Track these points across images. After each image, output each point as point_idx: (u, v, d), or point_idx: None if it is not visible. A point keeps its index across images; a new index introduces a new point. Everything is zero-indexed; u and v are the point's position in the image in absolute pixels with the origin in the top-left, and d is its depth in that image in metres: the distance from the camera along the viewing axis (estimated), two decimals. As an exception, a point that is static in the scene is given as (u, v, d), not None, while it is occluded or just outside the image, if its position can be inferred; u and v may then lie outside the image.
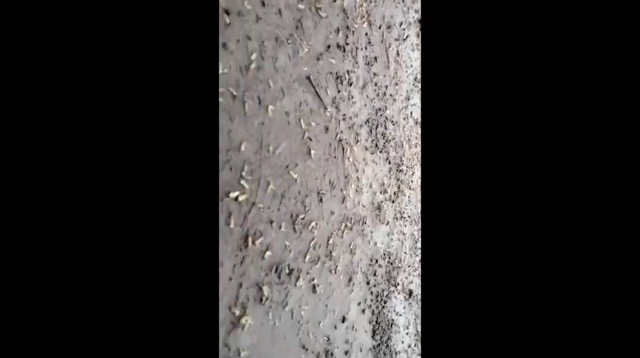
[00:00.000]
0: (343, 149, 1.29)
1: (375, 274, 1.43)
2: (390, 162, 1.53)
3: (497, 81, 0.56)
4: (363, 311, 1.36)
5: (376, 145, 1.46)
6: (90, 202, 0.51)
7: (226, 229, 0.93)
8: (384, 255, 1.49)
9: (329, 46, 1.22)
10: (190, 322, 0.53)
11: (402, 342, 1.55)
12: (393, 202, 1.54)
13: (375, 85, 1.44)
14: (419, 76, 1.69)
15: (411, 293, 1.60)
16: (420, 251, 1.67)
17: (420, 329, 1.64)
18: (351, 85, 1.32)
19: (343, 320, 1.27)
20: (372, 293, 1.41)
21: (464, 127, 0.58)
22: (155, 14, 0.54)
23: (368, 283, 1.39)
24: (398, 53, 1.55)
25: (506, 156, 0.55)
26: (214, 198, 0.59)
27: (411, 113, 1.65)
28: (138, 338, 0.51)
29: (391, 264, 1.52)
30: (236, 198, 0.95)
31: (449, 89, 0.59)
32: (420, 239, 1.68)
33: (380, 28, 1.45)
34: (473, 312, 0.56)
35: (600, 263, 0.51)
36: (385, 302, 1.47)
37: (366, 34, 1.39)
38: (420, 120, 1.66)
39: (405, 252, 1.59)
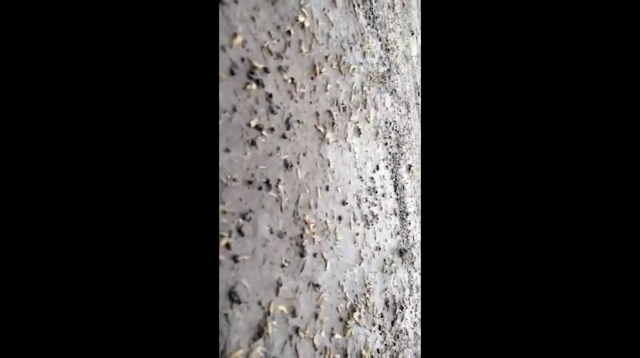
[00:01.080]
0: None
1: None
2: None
3: (496, 83, 0.56)
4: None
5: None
6: (87, 197, 0.49)
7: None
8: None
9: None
10: (190, 315, 0.52)
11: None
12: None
13: None
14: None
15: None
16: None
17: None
18: None
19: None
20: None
21: (465, 124, 0.57)
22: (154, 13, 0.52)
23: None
24: None
25: (507, 154, 0.55)
26: (215, 197, 0.62)
27: None
28: (138, 335, 0.50)
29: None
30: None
31: (449, 92, 0.58)
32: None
33: None
34: (474, 311, 0.55)
35: (596, 264, 0.50)
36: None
37: None
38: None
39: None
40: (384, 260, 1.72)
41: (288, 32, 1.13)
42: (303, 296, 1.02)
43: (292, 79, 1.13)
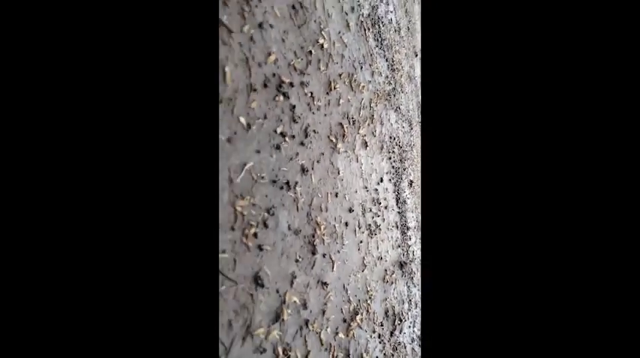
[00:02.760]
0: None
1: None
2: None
3: (496, 83, 0.55)
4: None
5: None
6: (89, 196, 0.49)
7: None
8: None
9: None
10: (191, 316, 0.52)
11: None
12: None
13: None
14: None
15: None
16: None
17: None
18: None
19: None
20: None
21: (465, 126, 0.58)
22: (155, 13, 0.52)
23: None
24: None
25: (507, 156, 0.55)
26: (214, 196, 0.62)
27: None
28: (138, 335, 0.49)
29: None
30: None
31: (449, 91, 0.58)
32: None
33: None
34: (474, 313, 0.55)
35: (597, 273, 0.49)
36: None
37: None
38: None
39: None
40: (385, 270, 1.79)
41: (310, 52, 1.27)
42: (312, 292, 1.09)
43: (311, 92, 1.26)
